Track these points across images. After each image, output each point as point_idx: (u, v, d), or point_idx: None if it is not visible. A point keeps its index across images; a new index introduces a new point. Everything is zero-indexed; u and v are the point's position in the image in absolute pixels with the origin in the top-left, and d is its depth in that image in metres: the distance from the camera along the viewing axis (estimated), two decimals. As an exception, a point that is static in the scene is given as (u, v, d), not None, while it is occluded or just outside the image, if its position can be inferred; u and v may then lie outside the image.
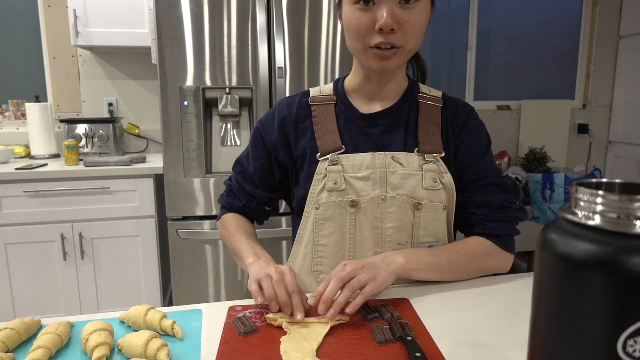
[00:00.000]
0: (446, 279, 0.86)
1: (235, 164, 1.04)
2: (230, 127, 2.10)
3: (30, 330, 0.67)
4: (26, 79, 2.64)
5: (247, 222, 1.02)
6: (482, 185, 0.92)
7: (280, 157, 0.97)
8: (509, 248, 0.91)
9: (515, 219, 0.92)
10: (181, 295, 2.10)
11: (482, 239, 0.90)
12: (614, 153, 3.48)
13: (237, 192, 1.02)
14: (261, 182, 1.00)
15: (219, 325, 0.71)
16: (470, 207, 0.92)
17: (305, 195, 0.92)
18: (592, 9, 3.35)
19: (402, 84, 0.94)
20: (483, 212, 0.91)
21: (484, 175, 0.92)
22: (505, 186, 0.92)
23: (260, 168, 0.99)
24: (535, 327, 0.42)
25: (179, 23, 1.93)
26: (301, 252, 0.94)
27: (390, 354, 0.62)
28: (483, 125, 0.96)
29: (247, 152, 1.02)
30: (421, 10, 0.81)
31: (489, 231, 0.90)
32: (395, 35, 0.80)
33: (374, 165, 0.88)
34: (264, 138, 0.98)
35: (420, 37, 0.84)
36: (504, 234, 0.90)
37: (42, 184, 2.03)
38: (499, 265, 0.90)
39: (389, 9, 0.78)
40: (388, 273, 0.77)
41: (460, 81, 3.34)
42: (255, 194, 1.00)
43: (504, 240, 0.90)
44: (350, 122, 0.93)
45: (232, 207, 1.03)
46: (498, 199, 0.91)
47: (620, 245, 0.35)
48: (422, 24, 0.82)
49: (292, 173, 0.97)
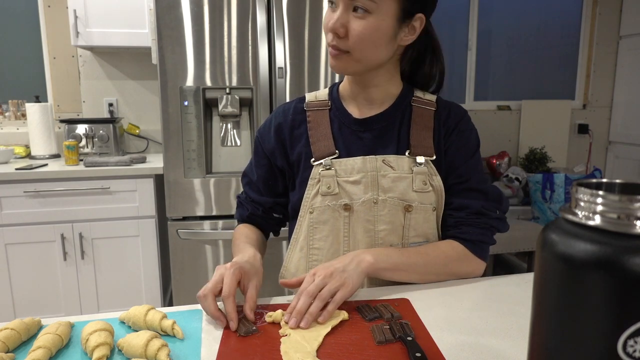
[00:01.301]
0: (416, 281, 0.86)
1: (242, 177, 1.06)
2: (230, 127, 2.10)
3: (30, 330, 0.67)
4: (26, 79, 2.64)
5: (254, 231, 1.01)
6: (463, 189, 0.92)
7: (278, 163, 0.98)
8: (481, 255, 0.91)
9: (491, 227, 0.91)
10: (181, 295, 2.10)
11: (456, 242, 0.90)
12: (614, 153, 3.48)
13: (244, 202, 1.03)
14: (265, 189, 1.01)
15: (219, 326, 0.71)
16: (447, 209, 0.92)
17: (299, 199, 0.93)
18: (592, 9, 3.35)
19: (394, 89, 0.94)
20: (459, 215, 0.91)
21: (467, 179, 0.92)
22: (487, 193, 0.92)
23: (263, 175, 1.00)
24: (535, 327, 0.42)
25: (179, 23, 1.93)
26: (296, 255, 0.95)
27: (390, 354, 0.62)
28: (474, 129, 0.96)
29: (251, 163, 1.04)
30: (370, 22, 0.80)
31: (462, 235, 0.90)
32: (341, 39, 0.83)
33: (365, 168, 0.89)
34: (263, 146, 0.99)
35: (371, 48, 0.84)
36: (478, 240, 0.90)
37: (42, 184, 2.03)
38: (469, 271, 0.90)
39: (339, 14, 0.81)
40: (357, 274, 0.77)
41: (460, 81, 3.35)
42: (261, 201, 1.01)
43: (477, 246, 0.90)
44: (344, 127, 0.93)
45: (241, 217, 1.04)
46: (476, 204, 0.91)
47: (620, 245, 0.35)
48: (369, 34, 0.81)
49: (289, 178, 0.98)
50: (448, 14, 3.31)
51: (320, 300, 0.71)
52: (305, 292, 0.73)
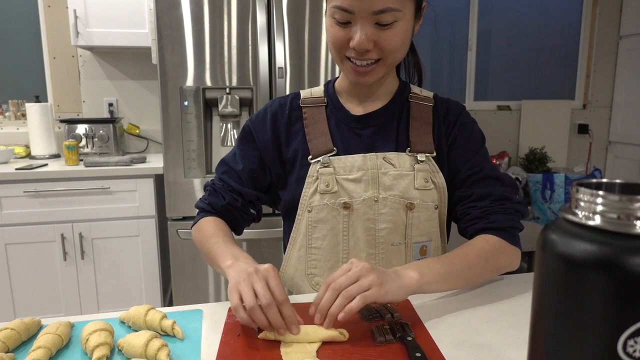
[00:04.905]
0: (462, 287, 0.81)
1: (220, 164, 0.98)
2: (230, 127, 2.10)
3: (30, 330, 0.67)
4: (26, 79, 2.64)
5: (226, 226, 0.93)
6: (480, 178, 0.90)
7: (267, 158, 0.94)
8: (516, 242, 0.86)
9: (517, 212, 0.88)
10: (181, 295, 2.09)
11: (488, 236, 0.85)
12: (614, 153, 3.48)
13: (221, 190, 0.95)
14: (249, 180, 0.95)
15: (219, 325, 0.71)
16: (470, 201, 0.89)
17: (293, 198, 0.91)
18: (592, 9, 3.35)
19: (392, 85, 0.94)
20: (484, 204, 0.87)
21: (481, 169, 0.90)
22: (503, 179, 0.91)
23: (249, 166, 0.95)
24: (535, 327, 0.42)
25: (179, 23, 1.92)
26: (294, 254, 0.94)
27: (390, 354, 0.62)
28: (475, 122, 0.95)
29: (233, 152, 0.98)
30: (399, 28, 0.79)
31: (492, 224, 0.85)
32: (371, 51, 0.80)
33: (365, 166, 0.88)
34: (255, 136, 0.95)
35: (401, 50, 0.83)
36: (509, 226, 0.86)
37: (42, 184, 2.03)
38: (508, 262, 0.85)
39: (363, 30, 0.77)
40: (398, 286, 0.69)
41: (460, 81, 3.34)
42: (242, 191, 0.94)
43: (510, 233, 0.86)
44: (341, 124, 0.92)
45: (214, 206, 0.94)
46: (497, 190, 0.88)
47: (620, 245, 0.35)
48: (401, 40, 0.80)
49: (278, 175, 0.95)
50: (448, 14, 3.30)
51: (345, 299, 0.64)
52: (333, 285, 0.66)
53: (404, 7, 0.78)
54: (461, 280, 0.80)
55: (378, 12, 0.76)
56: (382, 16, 0.76)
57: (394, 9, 0.76)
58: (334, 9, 0.78)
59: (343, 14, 0.78)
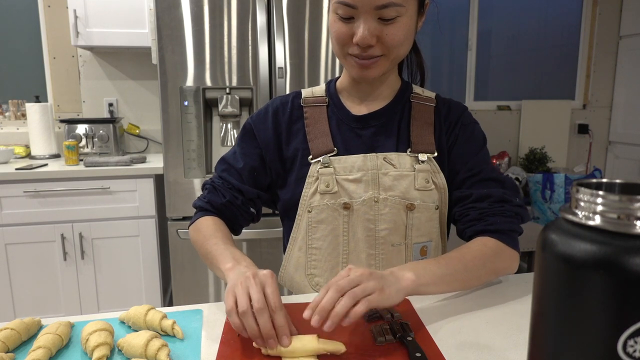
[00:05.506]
0: (458, 289, 0.80)
1: (220, 163, 0.97)
2: (230, 127, 2.10)
3: (30, 330, 0.67)
4: (26, 79, 2.64)
5: (225, 227, 0.91)
6: (480, 180, 0.89)
7: (268, 157, 0.94)
8: (514, 245, 0.85)
9: (517, 215, 0.87)
10: (181, 295, 2.09)
11: (486, 238, 0.84)
12: (614, 153, 3.48)
13: (221, 188, 0.93)
14: (249, 178, 0.94)
15: (219, 325, 0.71)
16: (468, 202, 0.88)
17: (292, 198, 0.91)
18: (592, 9, 3.35)
19: (394, 85, 0.94)
20: (482, 205, 0.86)
21: (480, 170, 0.89)
22: (503, 182, 0.90)
23: (250, 164, 0.94)
24: (535, 327, 0.42)
25: (179, 23, 1.92)
26: (294, 255, 0.93)
27: (390, 354, 0.62)
28: (477, 122, 0.95)
29: (234, 150, 0.97)
30: (402, 23, 0.79)
31: (490, 226, 0.84)
32: (374, 47, 0.80)
33: (366, 166, 0.87)
34: (256, 134, 0.94)
35: (404, 45, 0.83)
36: (507, 229, 0.84)
37: (42, 184, 2.03)
38: (506, 265, 0.84)
39: (366, 25, 0.78)
40: (397, 289, 0.67)
41: (460, 81, 3.34)
42: (243, 189, 0.93)
43: (508, 236, 0.84)
44: (342, 124, 0.92)
45: (213, 205, 0.92)
46: (497, 192, 0.87)
47: (620, 245, 0.35)
48: (404, 36, 0.80)
49: (278, 174, 0.95)
50: (448, 14, 3.30)
51: (351, 298, 0.60)
52: (335, 285, 0.62)
53: (407, 2, 0.78)
54: (458, 283, 0.79)
55: (381, 7, 0.76)
56: (385, 11, 0.77)
57: (397, 3, 0.77)
58: (337, 5, 0.79)
59: (346, 9, 0.78)
